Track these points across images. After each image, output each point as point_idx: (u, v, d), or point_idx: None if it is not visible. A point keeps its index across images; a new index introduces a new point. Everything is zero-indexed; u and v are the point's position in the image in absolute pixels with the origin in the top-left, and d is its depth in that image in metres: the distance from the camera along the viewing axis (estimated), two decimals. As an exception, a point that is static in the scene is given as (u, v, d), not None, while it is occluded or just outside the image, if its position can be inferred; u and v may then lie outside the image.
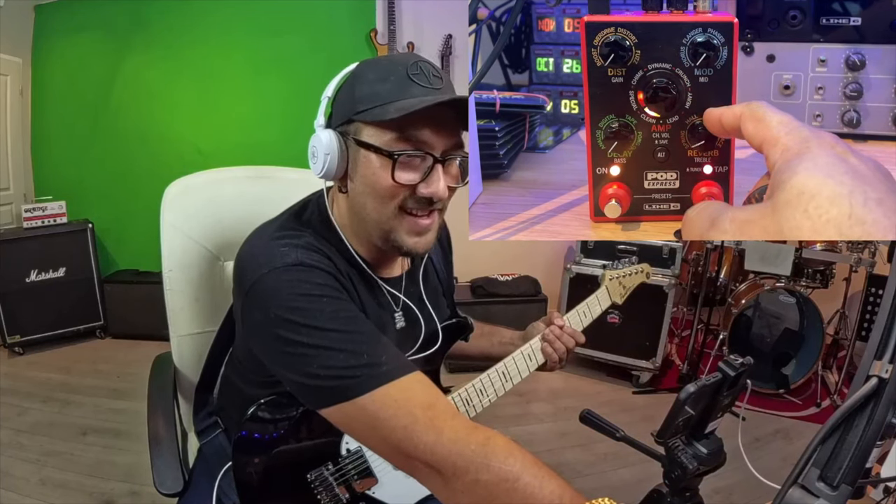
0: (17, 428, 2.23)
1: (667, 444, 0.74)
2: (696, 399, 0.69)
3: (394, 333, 0.86)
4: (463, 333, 1.00)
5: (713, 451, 0.75)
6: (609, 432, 0.86)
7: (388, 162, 0.70)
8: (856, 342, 2.63)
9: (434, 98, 0.68)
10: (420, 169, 0.71)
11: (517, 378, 0.95)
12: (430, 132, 0.70)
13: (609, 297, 1.11)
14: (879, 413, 0.46)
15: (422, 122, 0.69)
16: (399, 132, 0.69)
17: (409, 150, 0.70)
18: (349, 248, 0.79)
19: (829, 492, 0.46)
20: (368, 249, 0.81)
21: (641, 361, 2.69)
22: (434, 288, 0.97)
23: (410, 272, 0.91)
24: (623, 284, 1.13)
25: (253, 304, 0.71)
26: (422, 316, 0.90)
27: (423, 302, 0.92)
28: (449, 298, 1.02)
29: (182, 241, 1.04)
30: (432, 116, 0.69)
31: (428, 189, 0.71)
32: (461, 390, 0.89)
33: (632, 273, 1.15)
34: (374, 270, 0.83)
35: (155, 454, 0.91)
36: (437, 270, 1.00)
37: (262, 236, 0.78)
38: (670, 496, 0.74)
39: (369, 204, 0.73)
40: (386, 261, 0.86)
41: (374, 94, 0.70)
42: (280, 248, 0.72)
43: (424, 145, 0.70)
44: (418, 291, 0.92)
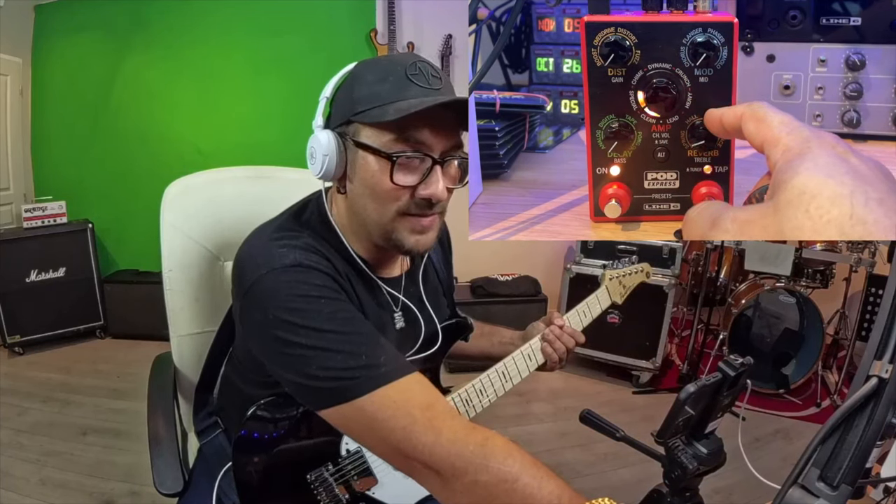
0: (17, 428, 2.23)
1: (667, 444, 0.74)
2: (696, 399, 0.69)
3: (393, 334, 0.86)
4: (463, 334, 1.00)
5: (713, 451, 0.75)
6: (609, 432, 0.86)
7: (386, 164, 0.69)
8: (856, 342, 2.63)
9: (434, 99, 0.67)
10: (419, 170, 0.71)
11: (517, 378, 0.95)
12: (429, 133, 0.69)
13: (609, 296, 1.11)
14: (879, 413, 0.46)
15: (421, 124, 0.69)
16: (398, 133, 0.69)
17: (408, 152, 0.69)
18: (348, 249, 0.79)
19: (829, 492, 0.46)
20: (368, 249, 0.81)
21: (641, 361, 2.69)
22: (434, 288, 0.97)
23: (410, 272, 0.91)
24: (623, 284, 1.13)
25: (252, 305, 0.71)
26: (421, 316, 0.90)
27: (423, 302, 0.92)
28: (449, 298, 1.02)
29: (182, 241, 1.04)
30: (431, 117, 0.68)
31: (427, 190, 0.71)
32: (461, 390, 0.89)
33: (632, 272, 1.15)
34: (373, 271, 0.82)
35: (155, 454, 0.91)
36: (437, 270, 1.00)
37: (260, 237, 0.77)
38: (670, 496, 0.74)
39: (369, 205, 0.73)
40: (386, 261, 0.86)
41: (372, 94, 0.70)
42: (278, 248, 0.72)
43: (423, 146, 0.70)
44: (418, 292, 0.92)
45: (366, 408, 0.63)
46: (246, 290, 0.71)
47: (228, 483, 0.85)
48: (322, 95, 0.76)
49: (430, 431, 0.61)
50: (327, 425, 0.68)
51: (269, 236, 0.76)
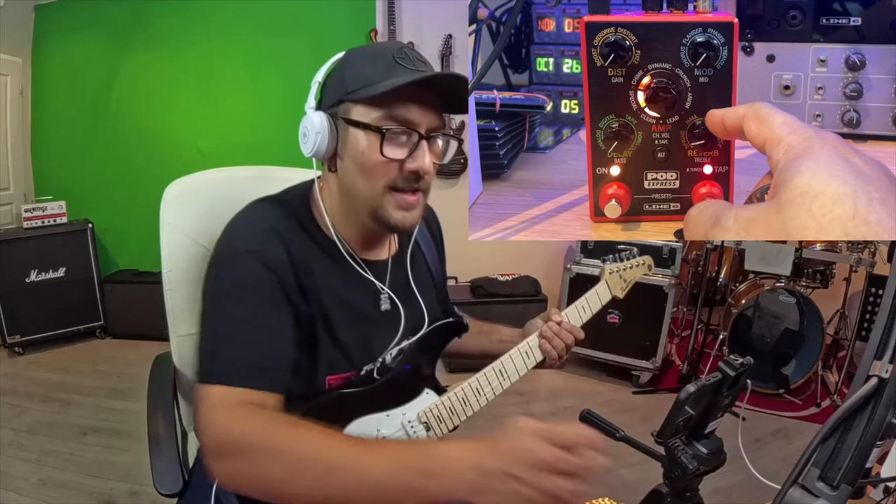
0: (17, 428, 2.23)
1: (667, 444, 0.74)
2: (696, 399, 0.69)
3: (378, 315, 0.87)
4: (457, 333, 0.99)
5: (713, 451, 0.75)
6: (609, 432, 0.86)
7: (376, 138, 0.74)
8: (856, 342, 2.62)
9: (423, 74, 0.72)
10: (406, 145, 0.75)
11: (515, 376, 0.94)
12: (415, 110, 0.75)
13: (609, 291, 1.08)
14: (879, 413, 0.46)
15: (408, 101, 0.74)
16: (386, 110, 0.74)
17: (395, 127, 0.74)
18: (322, 230, 0.83)
19: (829, 492, 0.46)
20: (356, 231, 0.84)
21: (641, 361, 2.69)
22: (423, 275, 0.97)
23: (398, 257, 0.93)
24: (624, 278, 1.10)
25: (208, 271, 0.79)
26: (408, 300, 0.91)
27: (410, 286, 0.93)
28: (441, 295, 1.02)
29: (182, 241, 1.04)
30: (417, 96, 0.74)
31: (415, 164, 0.75)
32: (457, 389, 0.89)
33: (632, 266, 1.12)
34: (358, 252, 0.85)
35: (155, 454, 0.91)
36: (428, 261, 1.00)
37: (244, 212, 0.82)
38: (670, 496, 0.75)
39: (359, 181, 0.77)
40: (373, 243, 0.88)
41: (362, 76, 0.75)
42: (246, 227, 0.79)
43: (410, 123, 0.75)
44: (405, 276, 0.93)
45: (201, 395, 0.69)
46: (210, 258, 0.80)
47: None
48: (314, 80, 0.81)
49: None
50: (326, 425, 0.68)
51: (247, 213, 0.82)
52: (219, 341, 0.73)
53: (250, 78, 3.27)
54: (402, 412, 0.87)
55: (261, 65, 3.25)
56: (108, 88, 3.32)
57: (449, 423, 0.89)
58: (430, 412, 0.88)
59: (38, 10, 3.31)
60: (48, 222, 3.03)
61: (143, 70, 3.29)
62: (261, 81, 3.27)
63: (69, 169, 3.40)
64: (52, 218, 3.05)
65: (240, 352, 0.72)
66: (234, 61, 3.26)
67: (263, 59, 3.24)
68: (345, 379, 0.84)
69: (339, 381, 0.83)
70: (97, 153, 3.39)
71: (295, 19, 3.21)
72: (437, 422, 0.88)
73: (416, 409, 0.88)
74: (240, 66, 3.27)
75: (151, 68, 3.28)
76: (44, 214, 3.03)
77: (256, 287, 0.75)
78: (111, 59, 3.30)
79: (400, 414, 0.87)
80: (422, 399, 0.89)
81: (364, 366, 0.86)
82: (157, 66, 3.28)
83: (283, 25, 3.20)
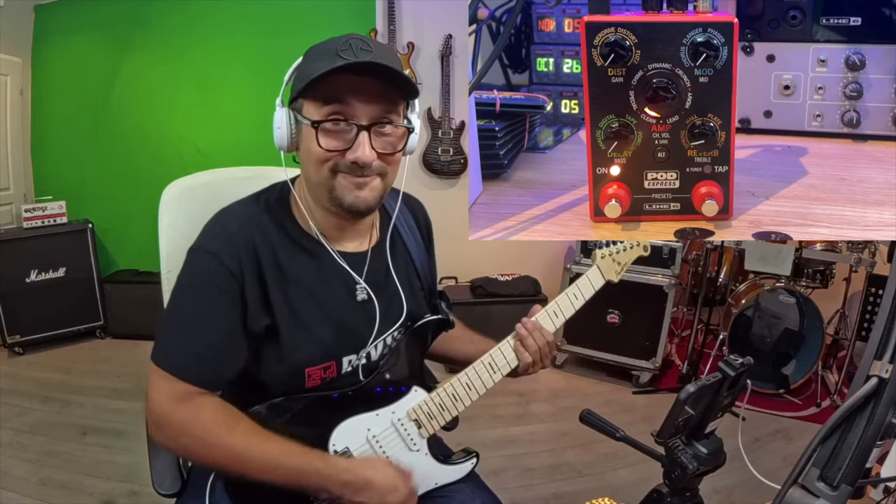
0: (17, 428, 2.23)
1: (667, 444, 0.74)
2: (696, 399, 0.69)
3: (353, 305, 0.87)
4: (443, 329, 0.98)
5: (713, 451, 0.75)
6: (609, 432, 0.86)
7: (314, 132, 0.77)
8: (856, 342, 2.62)
9: (342, 63, 0.73)
10: (344, 137, 0.77)
11: (506, 368, 0.93)
12: (353, 101, 0.76)
13: (602, 275, 0.99)
14: (879, 413, 0.46)
15: (344, 93, 0.76)
16: (324, 103, 0.76)
17: (327, 120, 0.77)
18: (298, 223, 0.86)
19: (829, 492, 0.46)
20: (328, 221, 0.86)
21: (641, 361, 2.69)
22: (405, 267, 0.96)
23: (378, 247, 0.92)
24: (617, 261, 1.00)
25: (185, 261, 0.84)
26: (387, 290, 0.91)
27: (391, 276, 0.92)
28: (429, 290, 1.01)
29: (181, 242, 1.03)
30: (355, 87, 0.76)
31: (353, 154, 0.77)
32: (446, 385, 0.89)
33: (625, 248, 1.04)
34: (335, 244, 0.87)
35: (154, 455, 0.91)
36: (411, 252, 0.98)
37: (223, 210, 0.87)
38: (670, 496, 0.75)
39: (311, 169, 0.81)
40: (349, 233, 0.89)
41: (309, 72, 0.76)
42: (218, 228, 0.84)
43: (345, 114, 0.77)
44: (385, 266, 0.93)
45: (151, 371, 0.79)
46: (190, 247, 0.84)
47: (224, 484, 0.85)
48: (285, 77, 0.83)
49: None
50: (315, 427, 0.69)
51: (222, 214, 0.86)
52: (164, 328, 0.82)
53: (250, 78, 3.26)
54: (392, 410, 0.87)
55: (261, 65, 3.24)
56: (108, 88, 3.32)
57: (440, 420, 0.89)
58: (419, 409, 0.88)
59: (38, 11, 3.31)
60: (48, 222, 3.03)
61: (144, 70, 3.29)
62: (261, 82, 3.26)
63: (69, 169, 3.40)
64: (52, 218, 3.05)
65: (180, 342, 0.80)
66: (234, 61, 3.26)
67: (263, 59, 3.24)
68: (325, 371, 0.84)
69: (319, 373, 0.84)
70: (97, 153, 3.39)
71: (295, 19, 3.20)
72: (427, 418, 0.88)
73: (406, 406, 0.87)
74: (240, 66, 3.26)
75: (151, 68, 3.28)
76: (44, 214, 3.03)
77: (208, 286, 0.80)
78: (111, 59, 3.30)
79: (389, 412, 0.87)
80: (410, 397, 0.89)
81: (344, 356, 0.86)
82: (158, 67, 3.28)
83: (283, 26, 3.20)
